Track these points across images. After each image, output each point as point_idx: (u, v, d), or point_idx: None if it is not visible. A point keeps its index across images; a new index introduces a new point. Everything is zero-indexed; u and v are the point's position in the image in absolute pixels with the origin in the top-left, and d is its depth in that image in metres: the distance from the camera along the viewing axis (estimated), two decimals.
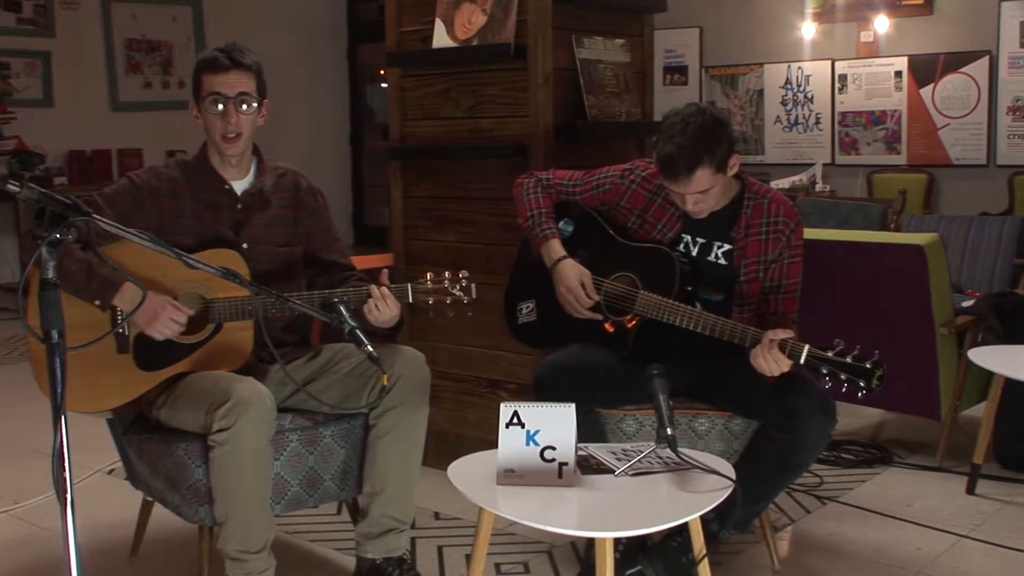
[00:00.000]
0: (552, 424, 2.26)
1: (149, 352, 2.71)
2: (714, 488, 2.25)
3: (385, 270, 2.78)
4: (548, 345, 3.07)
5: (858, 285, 3.95)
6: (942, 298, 3.85)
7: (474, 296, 2.77)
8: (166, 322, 2.64)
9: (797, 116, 8.86)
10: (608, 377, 2.87)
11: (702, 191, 2.76)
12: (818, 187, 7.91)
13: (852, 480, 3.85)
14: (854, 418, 4.54)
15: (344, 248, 3.05)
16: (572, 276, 2.97)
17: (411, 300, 2.76)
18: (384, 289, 2.71)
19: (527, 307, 3.13)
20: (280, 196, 2.93)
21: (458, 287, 2.76)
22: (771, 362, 2.59)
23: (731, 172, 2.80)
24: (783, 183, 7.80)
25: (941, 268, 3.83)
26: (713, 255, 2.91)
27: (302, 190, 2.98)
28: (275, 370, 2.84)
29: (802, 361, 2.56)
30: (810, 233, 3.96)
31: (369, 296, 2.70)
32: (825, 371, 2.53)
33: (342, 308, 2.58)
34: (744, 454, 2.85)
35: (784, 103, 8.93)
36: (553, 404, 2.28)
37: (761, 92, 9.03)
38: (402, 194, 4.01)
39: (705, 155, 2.71)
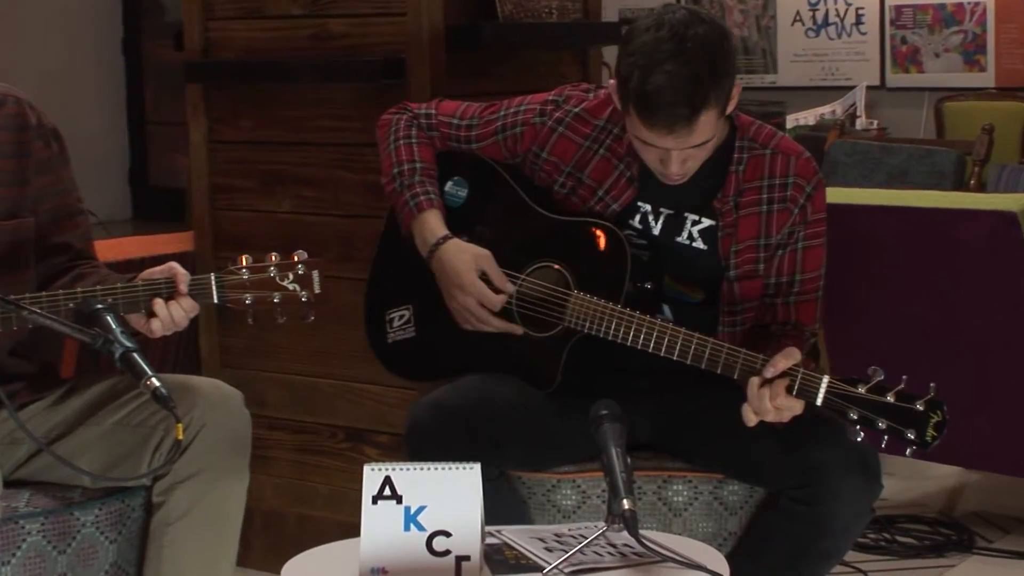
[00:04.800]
0: (445, 496, 2.27)
1: None
2: None
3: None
4: (432, 375, 3.09)
5: (919, 274, 4.02)
6: None
7: (317, 291, 2.74)
8: None
9: (827, 13, 9.01)
10: (527, 422, 2.89)
11: (699, 144, 2.79)
12: (860, 123, 8.05)
13: (914, 575, 3.93)
14: (915, 480, 4.63)
15: (91, 229, 3.03)
16: (463, 265, 2.96)
17: (216, 300, 2.74)
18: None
19: (400, 315, 3.15)
20: None
21: (291, 276, 2.74)
22: (770, 410, 2.62)
23: (730, 110, 2.84)
24: (806, 117, 7.91)
25: None
26: (686, 235, 2.95)
27: (30, 128, 2.93)
28: (0, 420, 2.82)
29: (819, 401, 2.61)
30: (844, 195, 4.03)
31: (157, 295, 2.69)
32: (855, 416, 2.59)
33: (110, 318, 2.56)
34: (744, 538, 2.90)
35: None
36: (446, 465, 2.29)
37: None
38: (206, 137, 4.00)
39: (712, 90, 2.72)
